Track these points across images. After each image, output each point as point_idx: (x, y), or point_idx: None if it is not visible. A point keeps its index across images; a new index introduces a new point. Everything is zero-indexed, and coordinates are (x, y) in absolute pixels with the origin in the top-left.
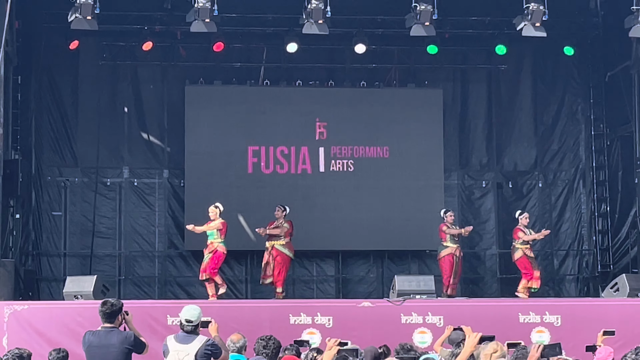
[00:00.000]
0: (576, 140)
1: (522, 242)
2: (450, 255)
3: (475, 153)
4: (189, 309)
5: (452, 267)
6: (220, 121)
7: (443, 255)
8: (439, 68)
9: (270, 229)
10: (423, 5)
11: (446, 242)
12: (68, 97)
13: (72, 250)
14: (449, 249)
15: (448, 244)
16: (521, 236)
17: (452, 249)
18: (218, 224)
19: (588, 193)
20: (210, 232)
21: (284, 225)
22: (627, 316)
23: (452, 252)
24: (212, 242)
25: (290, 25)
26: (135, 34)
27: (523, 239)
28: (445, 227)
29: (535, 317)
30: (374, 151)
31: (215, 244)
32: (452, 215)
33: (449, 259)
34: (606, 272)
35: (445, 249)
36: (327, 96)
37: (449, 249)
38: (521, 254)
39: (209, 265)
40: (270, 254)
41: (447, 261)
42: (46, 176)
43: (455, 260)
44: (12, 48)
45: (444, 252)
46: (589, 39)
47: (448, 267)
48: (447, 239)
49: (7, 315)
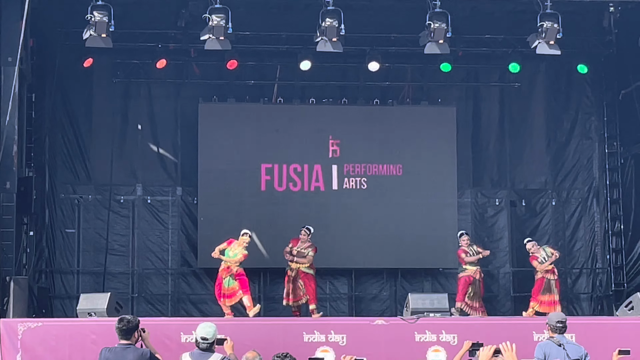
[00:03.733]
0: (589, 159)
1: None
2: (468, 277)
3: (489, 171)
4: (205, 327)
5: (468, 286)
6: (233, 139)
7: (462, 276)
8: (452, 86)
9: (297, 253)
10: (437, 23)
11: (465, 265)
12: (82, 115)
13: (85, 267)
14: (468, 272)
15: (467, 267)
16: (464, 257)
17: (471, 271)
18: (242, 257)
19: (602, 211)
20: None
21: (309, 254)
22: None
23: (471, 274)
24: (230, 266)
25: (304, 43)
26: (149, 51)
27: (467, 261)
28: (464, 254)
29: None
30: (387, 169)
31: (237, 268)
32: (466, 239)
33: (466, 279)
34: (620, 290)
35: (465, 271)
36: (340, 114)
37: (468, 271)
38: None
39: (241, 288)
40: (296, 277)
41: (464, 281)
42: (60, 193)
43: (475, 282)
44: (27, 66)
45: (463, 274)
46: (603, 57)
47: (464, 286)
48: (465, 263)
49: (21, 332)
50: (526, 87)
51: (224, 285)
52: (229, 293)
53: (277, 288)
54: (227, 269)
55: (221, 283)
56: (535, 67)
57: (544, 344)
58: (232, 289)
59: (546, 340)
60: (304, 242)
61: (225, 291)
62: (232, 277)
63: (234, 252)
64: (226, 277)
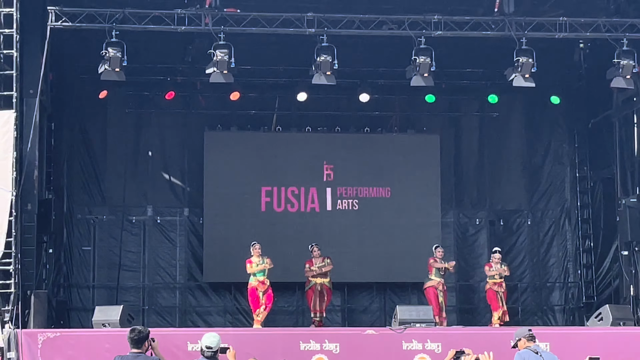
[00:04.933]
0: (562, 182)
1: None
2: (433, 288)
3: (469, 193)
4: (209, 336)
5: (437, 298)
6: (236, 164)
7: (427, 287)
8: (436, 115)
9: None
10: (422, 58)
11: (432, 275)
12: (97, 142)
13: (100, 282)
14: (433, 282)
15: (433, 277)
16: (432, 263)
17: (435, 282)
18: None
19: (573, 230)
20: (260, 272)
21: (328, 262)
22: (610, 343)
23: (434, 285)
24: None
25: (301, 76)
26: (159, 84)
27: (434, 267)
28: (432, 260)
29: None
30: (377, 191)
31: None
32: (441, 251)
33: (432, 290)
34: (590, 302)
35: (430, 281)
36: (334, 141)
37: (433, 281)
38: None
39: (267, 303)
40: (321, 291)
41: (431, 292)
42: (77, 214)
43: (439, 293)
44: (47, 98)
45: (428, 284)
46: (574, 89)
47: (432, 297)
48: (433, 272)
49: (40, 342)
50: (504, 116)
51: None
52: (265, 303)
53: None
54: (262, 283)
55: (258, 297)
56: (512, 98)
57: (523, 353)
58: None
59: (524, 349)
60: (317, 257)
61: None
62: (265, 291)
63: (257, 263)
64: (261, 291)
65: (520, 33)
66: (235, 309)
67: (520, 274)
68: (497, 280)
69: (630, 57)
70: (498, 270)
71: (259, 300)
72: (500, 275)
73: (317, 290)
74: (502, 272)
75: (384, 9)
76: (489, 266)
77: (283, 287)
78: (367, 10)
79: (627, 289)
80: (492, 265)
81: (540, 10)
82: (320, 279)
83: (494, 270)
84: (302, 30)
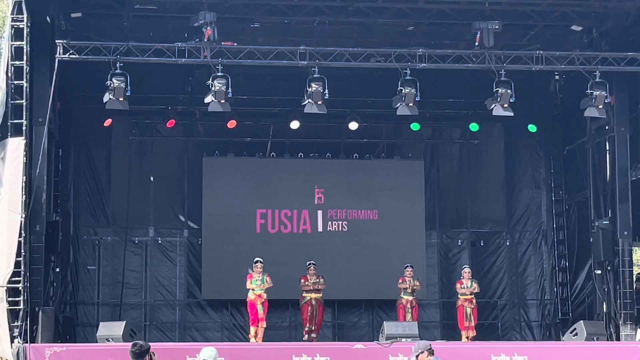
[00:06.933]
0: (539, 205)
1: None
2: (402, 305)
3: (452, 216)
4: (207, 350)
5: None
6: (232, 188)
7: (398, 304)
8: (421, 142)
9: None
10: (408, 89)
11: (401, 294)
12: (102, 167)
13: (104, 299)
14: (402, 300)
15: (402, 296)
16: (400, 284)
17: (404, 300)
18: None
19: (549, 250)
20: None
21: (321, 281)
22: (584, 357)
23: (403, 303)
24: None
25: (294, 105)
26: (161, 113)
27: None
28: (401, 280)
29: (505, 357)
30: (365, 214)
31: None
32: (410, 270)
33: (401, 308)
34: (566, 319)
35: (401, 299)
36: (325, 166)
37: (402, 300)
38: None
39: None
40: (317, 305)
41: (400, 309)
42: (82, 235)
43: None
44: (54, 125)
45: (398, 302)
46: (550, 118)
47: (400, 315)
48: (402, 291)
49: (48, 356)
50: (484, 143)
51: (260, 311)
52: (262, 317)
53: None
54: (259, 296)
55: (257, 309)
56: (492, 127)
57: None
58: (261, 314)
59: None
60: (312, 275)
61: (261, 316)
62: (262, 304)
63: (259, 280)
64: (259, 304)
65: (500, 65)
66: (232, 325)
67: (499, 291)
68: (467, 296)
69: (603, 88)
70: (468, 289)
71: (258, 312)
72: (471, 292)
73: (312, 304)
74: (473, 290)
75: (371, 43)
76: (460, 283)
77: (277, 303)
78: (356, 44)
79: (600, 305)
80: (462, 282)
81: (518, 44)
82: (314, 294)
83: (464, 288)
84: (295, 62)
